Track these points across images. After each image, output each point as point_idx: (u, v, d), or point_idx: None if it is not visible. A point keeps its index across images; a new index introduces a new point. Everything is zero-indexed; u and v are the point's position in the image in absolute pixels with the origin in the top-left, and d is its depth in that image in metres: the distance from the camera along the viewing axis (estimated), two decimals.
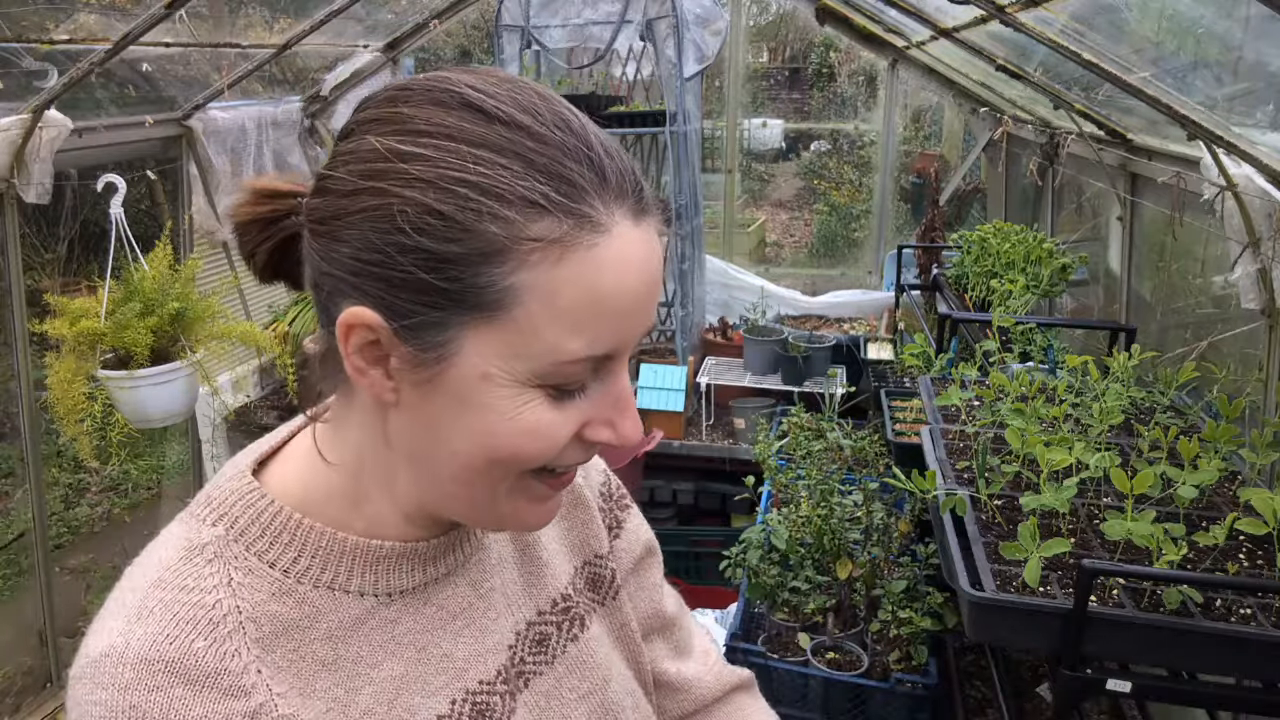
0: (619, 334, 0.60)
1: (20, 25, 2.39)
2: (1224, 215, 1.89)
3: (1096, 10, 1.99)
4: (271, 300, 4.16)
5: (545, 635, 0.78)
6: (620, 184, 0.59)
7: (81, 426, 2.68)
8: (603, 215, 0.57)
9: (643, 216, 0.60)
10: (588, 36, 3.64)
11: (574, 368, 0.59)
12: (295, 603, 0.64)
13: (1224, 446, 1.58)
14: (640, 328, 0.62)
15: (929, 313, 3.54)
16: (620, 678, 0.82)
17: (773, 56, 5.45)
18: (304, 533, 0.66)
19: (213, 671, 0.59)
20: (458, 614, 0.72)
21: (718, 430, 3.91)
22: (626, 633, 0.86)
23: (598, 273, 0.57)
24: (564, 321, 0.57)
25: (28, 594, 3.06)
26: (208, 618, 0.60)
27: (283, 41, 3.28)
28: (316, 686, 0.63)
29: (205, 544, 0.64)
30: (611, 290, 0.58)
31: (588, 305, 0.57)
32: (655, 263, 0.61)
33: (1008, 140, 3.81)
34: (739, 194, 4.91)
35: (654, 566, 0.95)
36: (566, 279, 0.56)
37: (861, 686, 2.13)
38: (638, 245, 0.59)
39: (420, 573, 0.70)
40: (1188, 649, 1.25)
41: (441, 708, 0.69)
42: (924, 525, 2.38)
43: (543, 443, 0.60)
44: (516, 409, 0.59)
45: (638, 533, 0.93)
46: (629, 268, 0.58)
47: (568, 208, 0.56)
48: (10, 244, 2.69)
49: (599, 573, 0.86)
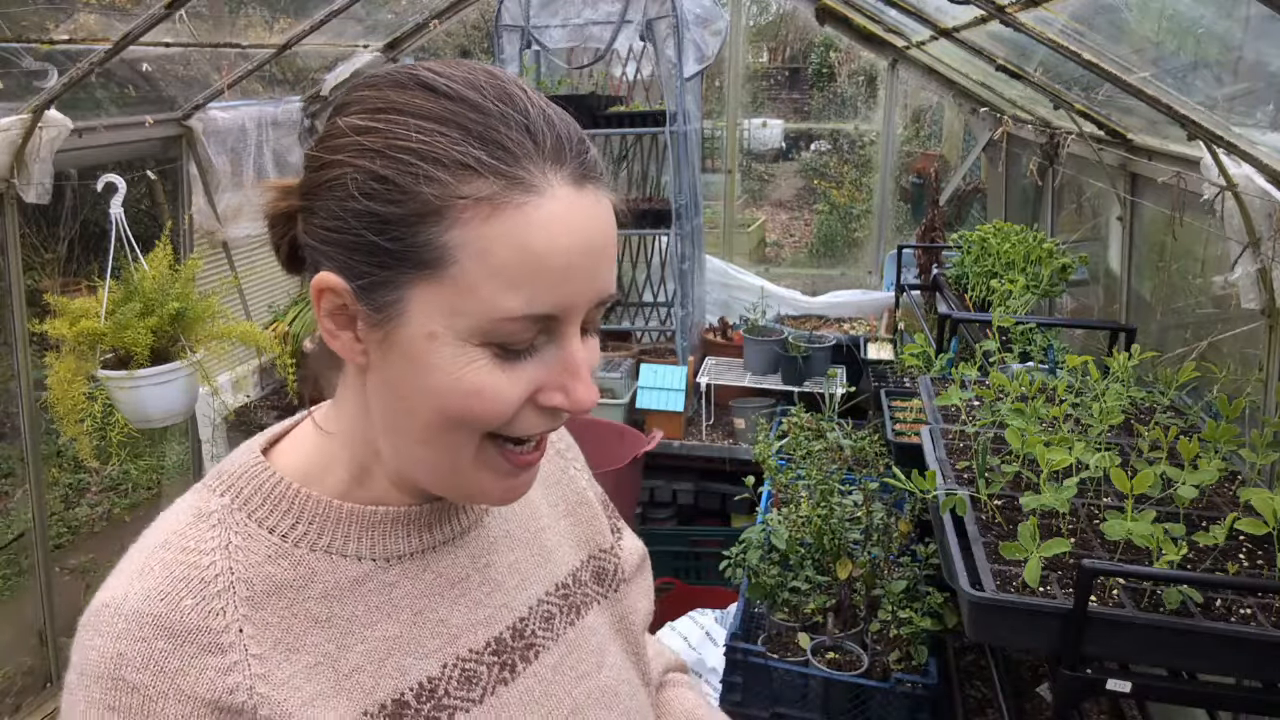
0: (558, 294, 0.61)
1: (20, 25, 2.39)
2: (1224, 215, 1.89)
3: (1096, 10, 1.99)
4: (271, 300, 4.16)
5: (551, 614, 0.81)
6: (558, 150, 0.62)
7: (81, 426, 2.68)
8: (536, 178, 0.60)
9: (586, 182, 0.63)
10: (588, 36, 3.64)
11: (514, 326, 0.61)
12: (291, 564, 0.68)
13: (1224, 446, 1.58)
14: (585, 291, 0.63)
15: (929, 313, 3.54)
16: (614, 666, 0.85)
17: (773, 56, 5.45)
18: (302, 501, 0.70)
19: (194, 628, 0.63)
20: (455, 582, 0.75)
21: (718, 430, 3.91)
22: (627, 625, 0.90)
23: (528, 230, 0.60)
24: (499, 278, 0.60)
25: (28, 594, 3.07)
26: (200, 577, 0.65)
27: (283, 41, 3.28)
28: (306, 642, 0.67)
29: (211, 511, 0.69)
30: (543, 248, 0.60)
31: (520, 263, 0.60)
32: (598, 226, 0.63)
33: (1008, 140, 3.81)
34: (739, 194, 4.91)
35: (647, 571, 1.02)
36: (497, 236, 0.60)
37: (861, 686, 2.13)
38: (575, 207, 0.62)
39: (417, 538, 0.74)
40: (1188, 649, 1.25)
41: (433, 670, 0.72)
42: (924, 525, 2.38)
43: (490, 403, 0.63)
44: (462, 368, 0.62)
45: (633, 540, 1.00)
46: (562, 227, 0.61)
47: (499, 169, 0.60)
48: (10, 244, 2.69)
49: (604, 565, 0.90)
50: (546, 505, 0.88)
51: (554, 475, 0.91)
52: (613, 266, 0.65)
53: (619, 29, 3.56)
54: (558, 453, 0.93)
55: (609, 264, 0.65)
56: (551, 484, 0.90)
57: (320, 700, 0.66)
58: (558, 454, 0.93)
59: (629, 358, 4.07)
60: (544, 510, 0.87)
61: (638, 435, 3.56)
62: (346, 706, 0.67)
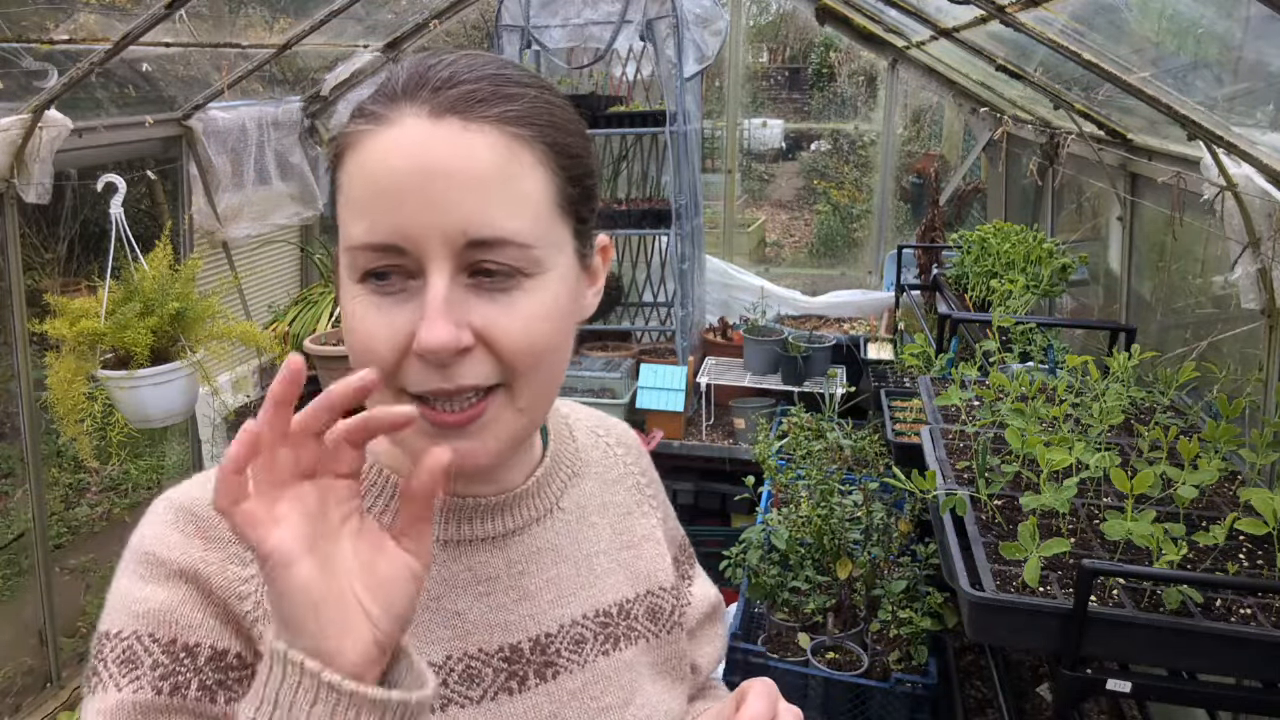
0: (393, 219, 0.61)
1: (20, 25, 2.39)
2: (1224, 215, 1.89)
3: (1096, 10, 1.99)
4: (271, 300, 4.16)
5: (583, 639, 0.80)
6: (414, 86, 0.64)
7: (81, 426, 2.68)
8: (389, 111, 0.63)
9: (449, 114, 0.62)
10: (588, 36, 3.64)
11: (364, 256, 0.63)
12: None
13: (1224, 446, 1.58)
14: (427, 219, 0.61)
15: (929, 313, 3.54)
16: (644, 705, 0.82)
17: (773, 56, 5.45)
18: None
19: (228, 538, 0.68)
20: (483, 580, 0.75)
21: (718, 430, 3.91)
22: (672, 667, 0.88)
23: (368, 156, 0.63)
24: (349, 208, 0.63)
25: (28, 594, 3.07)
26: None
27: (283, 41, 3.28)
28: None
29: None
30: (376, 170, 0.62)
31: (360, 189, 0.63)
32: (446, 153, 0.61)
33: (1008, 140, 3.81)
34: (739, 194, 4.92)
35: (720, 619, 1.02)
36: (350, 169, 0.64)
37: (861, 686, 2.14)
38: (417, 134, 0.62)
39: (455, 528, 0.75)
40: (1188, 649, 1.25)
41: (435, 657, 0.72)
42: (924, 525, 2.38)
43: (363, 339, 0.63)
44: (349, 303, 0.65)
45: (705, 588, 1.00)
46: (398, 152, 0.62)
47: (367, 110, 0.64)
48: (10, 244, 2.69)
49: (659, 604, 0.88)
50: (610, 533, 0.86)
51: (628, 506, 0.90)
52: (486, 202, 0.62)
53: (619, 29, 3.56)
54: (638, 486, 0.92)
55: (471, 196, 0.61)
56: (623, 514, 0.89)
57: None
58: (638, 488, 0.92)
59: (629, 358, 4.07)
60: (605, 536, 0.86)
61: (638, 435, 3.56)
62: None
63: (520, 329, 0.64)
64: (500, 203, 0.62)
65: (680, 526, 0.99)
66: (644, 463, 0.96)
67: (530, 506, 0.79)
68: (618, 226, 3.94)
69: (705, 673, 0.96)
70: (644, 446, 0.98)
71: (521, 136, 0.64)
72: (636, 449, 0.96)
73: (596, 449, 0.91)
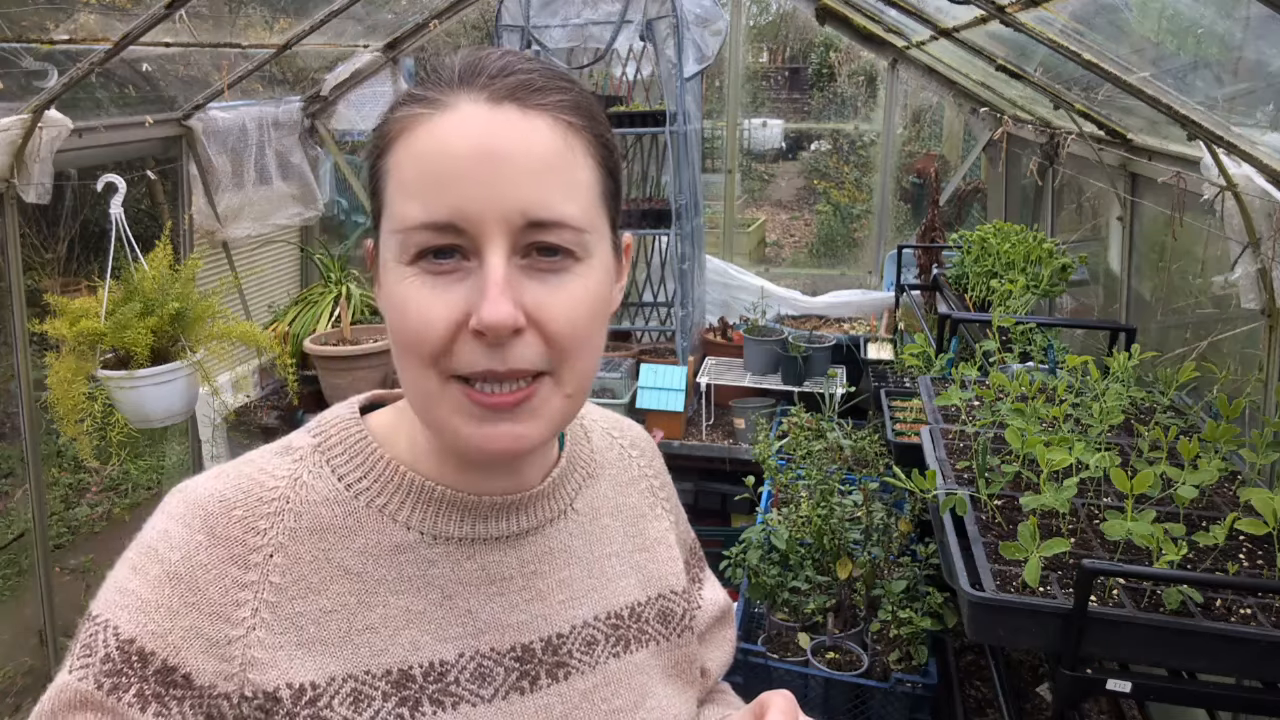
0: (451, 199, 0.62)
1: (20, 25, 2.39)
2: (1224, 215, 1.89)
3: (1096, 10, 1.98)
4: (271, 300, 4.16)
5: (594, 640, 0.80)
6: (471, 73, 0.65)
7: (81, 426, 2.68)
8: (446, 97, 0.65)
9: (508, 101, 0.64)
10: (588, 36, 3.64)
11: (420, 235, 0.63)
12: (344, 513, 0.72)
13: (1224, 446, 1.58)
14: (486, 199, 0.62)
15: (929, 313, 3.54)
16: (656, 710, 0.83)
17: (773, 57, 5.45)
18: (374, 459, 0.75)
19: (233, 538, 0.68)
20: (496, 580, 0.76)
21: (718, 430, 3.91)
22: (683, 671, 0.88)
23: (426, 140, 0.64)
24: (404, 190, 0.64)
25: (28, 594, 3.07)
26: (259, 495, 0.71)
27: (283, 41, 3.29)
28: (331, 588, 0.70)
29: (299, 447, 0.75)
30: (434, 152, 0.63)
31: (417, 171, 0.64)
32: (506, 136, 0.63)
33: (1008, 140, 3.81)
34: (739, 194, 4.91)
35: (730, 624, 1.02)
36: (406, 152, 0.65)
37: (861, 686, 2.14)
38: (476, 118, 0.63)
39: (469, 526, 0.75)
40: (1188, 649, 1.25)
41: (448, 655, 0.72)
42: (924, 525, 2.38)
43: (416, 320, 0.64)
44: (397, 285, 0.65)
45: (715, 592, 1.00)
46: (456, 134, 0.63)
47: (420, 97, 0.66)
48: (10, 244, 2.69)
49: (671, 607, 0.88)
50: (623, 535, 0.87)
51: (641, 509, 0.90)
52: (545, 185, 0.64)
53: (619, 29, 3.56)
54: (651, 490, 0.93)
55: (532, 180, 0.63)
56: (636, 517, 0.89)
57: (320, 645, 0.69)
58: (651, 491, 0.92)
59: (629, 358, 4.07)
60: (618, 538, 0.86)
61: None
62: (350, 657, 0.69)
63: (568, 311, 0.65)
64: (557, 186, 0.64)
65: (691, 529, 0.99)
66: (658, 465, 0.96)
67: (545, 507, 0.79)
68: None
69: (714, 676, 0.96)
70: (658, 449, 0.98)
71: (574, 125, 0.66)
72: (651, 451, 0.96)
73: (611, 451, 0.91)
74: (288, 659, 0.67)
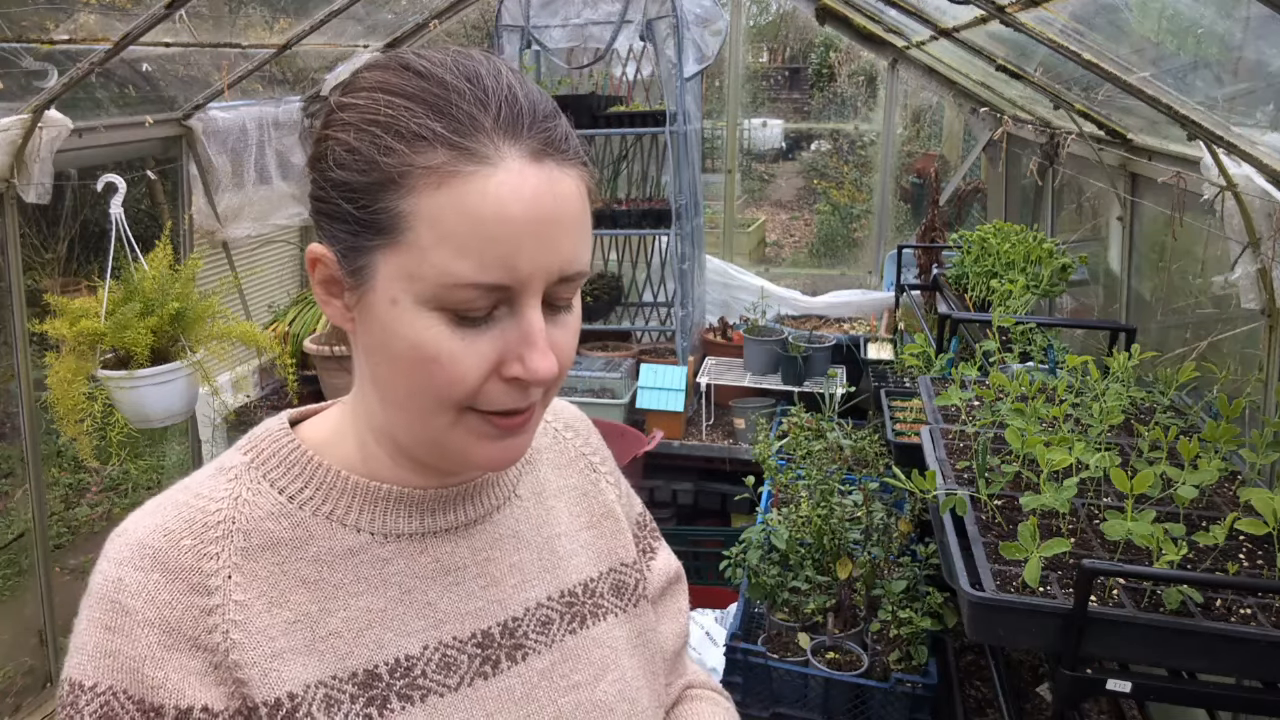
0: (507, 263, 0.63)
1: (20, 25, 2.39)
2: (1224, 215, 1.89)
3: (1096, 10, 1.98)
4: (271, 300, 4.16)
5: (549, 619, 0.82)
6: (513, 123, 0.64)
7: (81, 426, 2.68)
8: (487, 148, 0.62)
9: (546, 157, 0.64)
10: (588, 36, 3.64)
11: (466, 293, 0.63)
12: (291, 524, 0.72)
13: (1224, 446, 1.58)
14: (537, 262, 0.63)
15: (929, 313, 3.54)
16: (618, 682, 0.83)
17: (773, 56, 5.44)
18: (313, 468, 0.74)
19: (187, 567, 0.68)
20: (450, 570, 0.77)
21: (718, 430, 3.91)
22: (646, 640, 0.89)
23: (479, 199, 0.62)
24: (449, 244, 0.62)
25: (28, 594, 3.06)
26: (203, 521, 0.70)
27: (283, 41, 3.28)
28: (291, 599, 0.70)
29: (231, 467, 0.74)
30: (491, 216, 0.62)
31: (469, 230, 0.62)
32: (553, 199, 0.64)
33: (1008, 140, 3.81)
34: (739, 194, 4.92)
35: (680, 593, 1.01)
36: (447, 204, 0.62)
37: (861, 686, 2.14)
38: (527, 179, 0.63)
39: (418, 520, 0.76)
40: (1188, 649, 1.25)
41: (412, 649, 0.73)
42: (924, 525, 2.38)
43: (448, 371, 0.64)
44: (418, 333, 0.64)
45: (668, 561, 1.00)
46: (512, 197, 0.62)
47: (450, 140, 0.62)
48: (10, 244, 2.69)
49: (623, 579, 0.89)
50: (569, 515, 0.88)
51: (583, 487, 0.91)
52: (577, 242, 0.66)
53: (619, 29, 3.56)
54: (590, 466, 0.94)
55: (569, 238, 0.65)
56: (579, 495, 0.90)
57: (290, 655, 0.69)
58: (590, 468, 0.94)
59: (629, 358, 4.07)
60: (564, 519, 0.87)
61: (638, 435, 3.56)
62: (317, 665, 0.70)
63: (570, 344, 0.70)
64: (582, 239, 0.67)
65: (639, 500, 1.00)
66: (595, 441, 0.97)
67: (490, 495, 0.81)
68: (618, 226, 3.94)
69: (669, 651, 0.95)
70: (593, 423, 0.99)
71: (584, 171, 0.68)
72: (586, 429, 0.97)
73: (545, 435, 0.92)
74: (261, 675, 0.68)
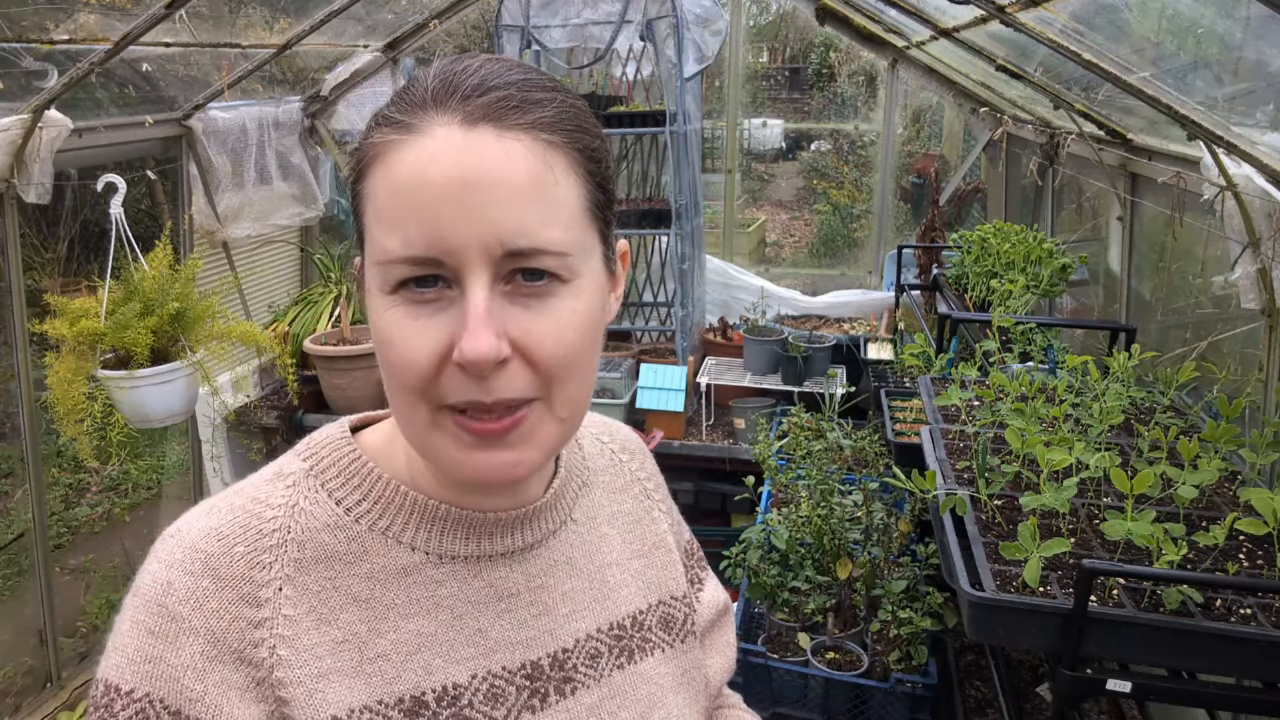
0: (430, 232, 0.60)
1: (20, 25, 2.39)
2: (1224, 215, 1.89)
3: (1096, 10, 1.99)
4: (271, 300, 4.16)
5: (598, 652, 0.79)
6: (444, 94, 0.62)
7: (81, 426, 2.69)
8: (420, 121, 0.61)
9: (482, 123, 0.61)
10: (588, 36, 3.64)
11: (400, 269, 0.61)
12: (347, 538, 0.70)
13: (1224, 446, 1.58)
14: (465, 231, 0.59)
15: (929, 313, 3.54)
16: (665, 717, 0.81)
17: (773, 56, 5.45)
18: (373, 481, 0.72)
19: (239, 576, 0.66)
20: (504, 597, 0.74)
21: (718, 430, 3.91)
22: (693, 677, 0.86)
23: (399, 168, 0.61)
24: (383, 221, 0.62)
25: (28, 594, 3.07)
26: (258, 528, 0.68)
27: (283, 41, 3.29)
28: (341, 617, 0.68)
29: (290, 473, 0.72)
30: (409, 183, 0.60)
31: (394, 202, 0.61)
32: (479, 162, 0.60)
33: (1008, 140, 3.81)
34: (739, 194, 4.91)
35: (727, 626, 0.98)
36: (380, 180, 0.62)
37: (861, 686, 2.14)
38: (451, 144, 0.60)
39: (475, 543, 0.74)
40: (1188, 649, 1.25)
41: (460, 677, 0.71)
42: (924, 525, 2.38)
43: (400, 353, 0.62)
44: (381, 315, 0.63)
45: (715, 594, 0.97)
46: (431, 163, 0.60)
47: (392, 119, 0.62)
48: (10, 244, 2.69)
49: (672, 613, 0.87)
50: (621, 543, 0.85)
51: (637, 514, 0.89)
52: (521, 212, 0.61)
53: (619, 29, 3.56)
54: (645, 493, 0.91)
55: (507, 206, 0.60)
56: (632, 523, 0.88)
57: (336, 676, 0.67)
58: (645, 494, 0.91)
59: (629, 358, 4.07)
60: (617, 547, 0.85)
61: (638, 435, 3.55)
62: (363, 689, 0.67)
63: (555, 337, 0.63)
64: (536, 211, 0.61)
65: (687, 528, 0.98)
66: (650, 467, 0.94)
67: (547, 519, 0.78)
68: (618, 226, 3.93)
69: (715, 685, 0.93)
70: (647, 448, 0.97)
71: (554, 143, 0.63)
72: (641, 453, 0.94)
73: (603, 457, 0.89)
74: (306, 696, 0.65)
